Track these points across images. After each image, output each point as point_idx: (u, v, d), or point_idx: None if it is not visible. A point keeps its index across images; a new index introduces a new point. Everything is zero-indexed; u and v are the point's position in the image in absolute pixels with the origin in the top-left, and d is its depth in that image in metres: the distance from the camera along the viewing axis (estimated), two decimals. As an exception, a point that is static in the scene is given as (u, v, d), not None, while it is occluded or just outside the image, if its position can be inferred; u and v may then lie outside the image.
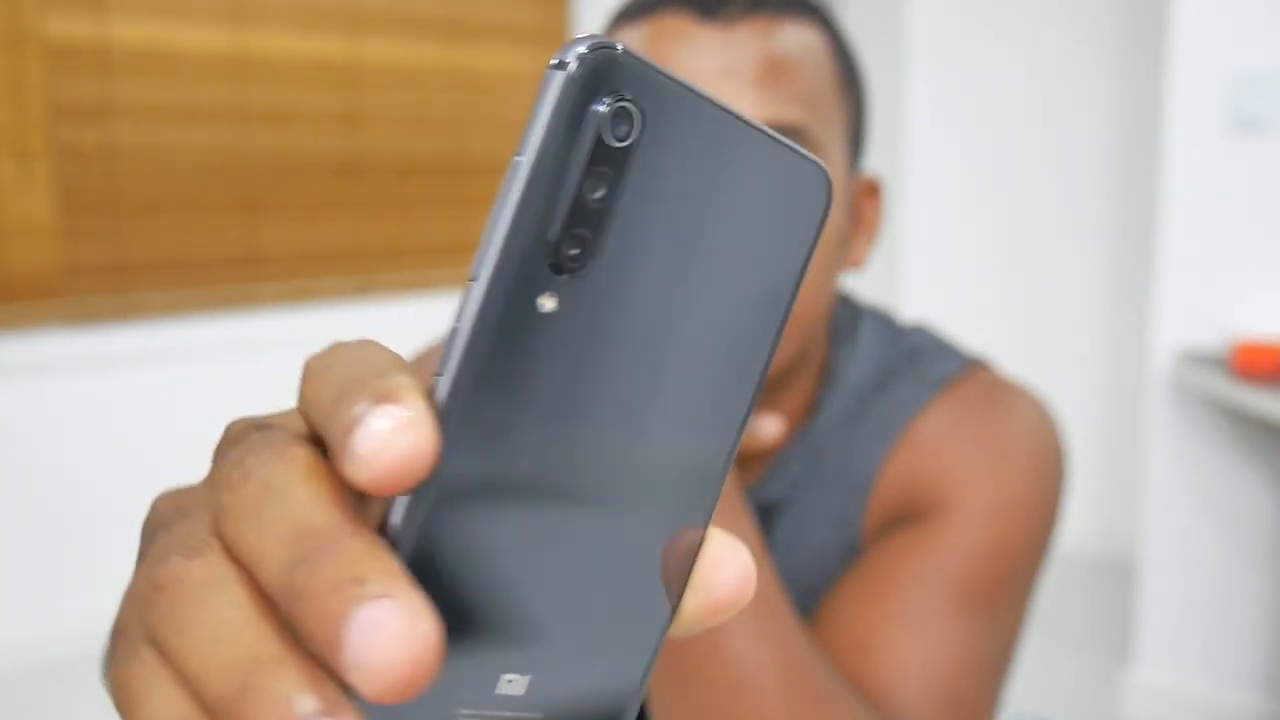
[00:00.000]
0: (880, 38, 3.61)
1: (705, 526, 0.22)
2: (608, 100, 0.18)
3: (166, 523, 0.22)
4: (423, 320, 3.35)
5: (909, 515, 0.68)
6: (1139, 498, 3.34)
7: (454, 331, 0.19)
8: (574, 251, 0.19)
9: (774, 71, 0.62)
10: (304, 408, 0.21)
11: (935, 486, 0.67)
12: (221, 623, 0.19)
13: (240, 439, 0.22)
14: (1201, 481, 2.30)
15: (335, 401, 0.19)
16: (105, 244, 2.79)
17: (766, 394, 0.69)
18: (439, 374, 0.19)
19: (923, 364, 0.73)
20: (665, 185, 0.19)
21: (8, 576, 2.72)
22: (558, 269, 0.19)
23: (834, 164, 0.65)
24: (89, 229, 2.76)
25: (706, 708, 0.56)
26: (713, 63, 0.61)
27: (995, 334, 3.50)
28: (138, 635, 0.20)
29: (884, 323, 0.76)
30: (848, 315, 0.75)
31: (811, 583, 0.70)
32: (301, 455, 0.20)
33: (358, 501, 0.21)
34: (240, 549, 0.19)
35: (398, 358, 0.20)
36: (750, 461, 0.72)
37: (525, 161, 0.18)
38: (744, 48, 0.62)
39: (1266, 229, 2.20)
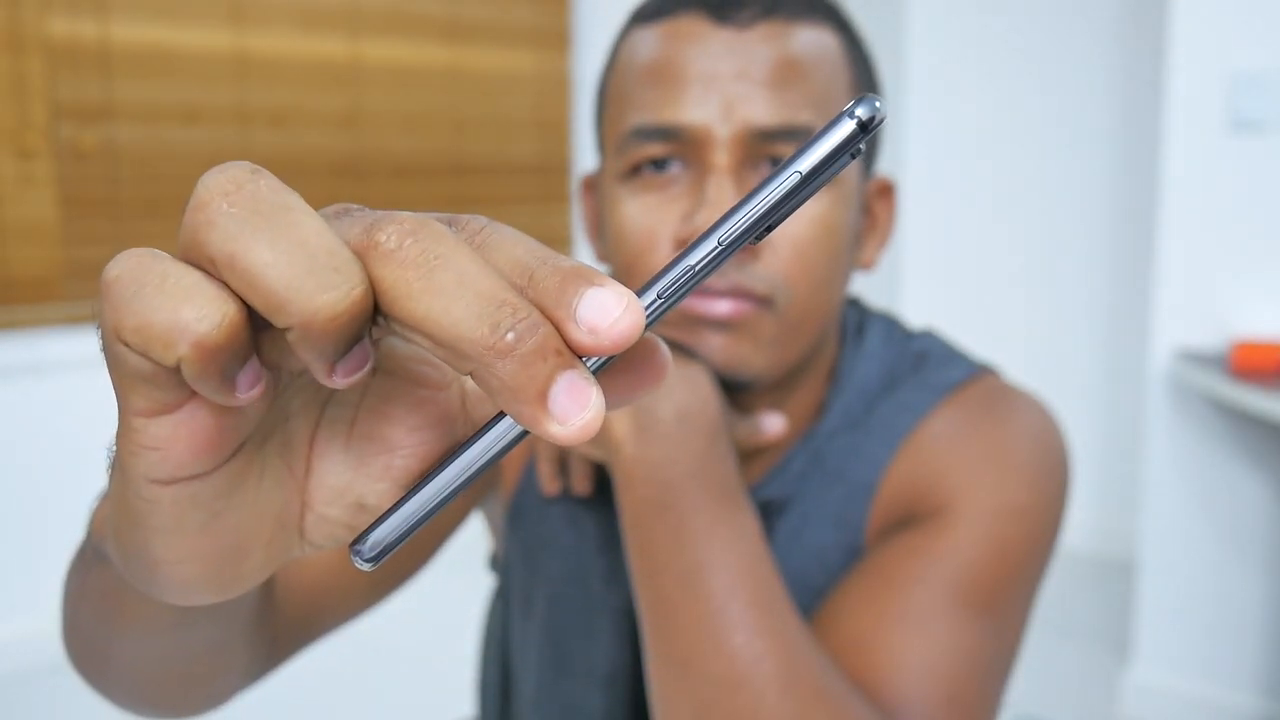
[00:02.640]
0: (880, 38, 3.62)
1: None
2: (855, 154, 0.25)
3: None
4: (423, 320, 3.35)
5: (912, 518, 0.68)
6: (1137, 497, 3.34)
7: (676, 267, 0.25)
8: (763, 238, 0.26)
9: (787, 75, 0.62)
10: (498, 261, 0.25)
11: (938, 490, 0.68)
12: (471, 277, 0.23)
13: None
14: (1200, 481, 2.31)
15: (542, 265, 0.23)
16: (105, 244, 2.79)
17: (774, 394, 0.70)
18: (641, 290, 0.25)
19: (929, 369, 0.73)
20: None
21: (8, 576, 2.72)
22: (757, 239, 0.26)
23: (847, 167, 0.65)
24: (89, 229, 2.76)
25: (706, 702, 0.56)
26: (727, 65, 0.62)
27: (995, 334, 3.51)
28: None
29: (891, 326, 0.76)
30: (856, 318, 0.76)
31: (813, 582, 0.70)
32: (464, 245, 0.24)
33: None
34: (406, 310, 0.23)
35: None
36: (754, 460, 0.72)
37: (802, 173, 0.25)
38: (758, 51, 0.62)
39: (1266, 229, 2.20)
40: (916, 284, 3.59)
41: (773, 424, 0.67)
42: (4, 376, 2.66)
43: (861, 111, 0.24)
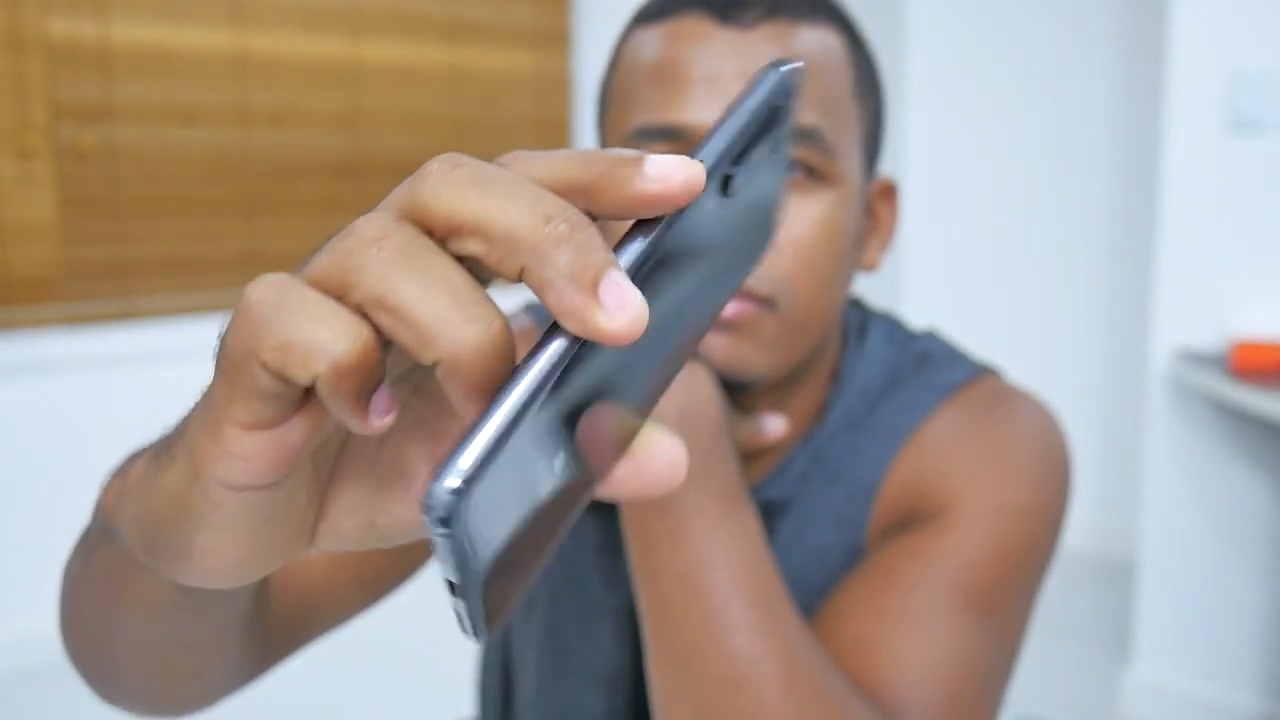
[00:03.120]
0: (880, 38, 3.62)
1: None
2: (782, 116, 0.28)
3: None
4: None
5: (913, 518, 0.68)
6: (1137, 497, 3.34)
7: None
8: (735, 181, 0.27)
9: None
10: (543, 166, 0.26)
11: (939, 490, 0.68)
12: (531, 189, 0.25)
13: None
14: (1200, 481, 2.31)
15: (590, 158, 0.26)
16: (105, 244, 2.79)
17: (775, 394, 0.70)
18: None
19: (930, 369, 0.73)
20: (769, 170, 0.29)
21: (8, 576, 2.72)
22: (724, 189, 0.27)
23: (849, 167, 0.65)
24: (89, 229, 2.76)
25: (707, 702, 0.56)
26: (729, 66, 0.62)
27: (994, 333, 3.51)
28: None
29: (893, 327, 0.76)
30: (858, 319, 0.76)
31: (813, 582, 0.70)
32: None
33: None
34: (471, 210, 0.25)
35: None
36: (755, 460, 0.72)
37: (743, 110, 0.27)
38: (761, 51, 0.62)
39: (1265, 229, 2.20)
40: (916, 284, 3.59)
41: (774, 425, 0.67)
42: (4, 376, 2.66)
43: (781, 64, 0.27)
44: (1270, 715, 2.30)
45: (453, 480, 0.22)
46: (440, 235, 0.25)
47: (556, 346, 0.24)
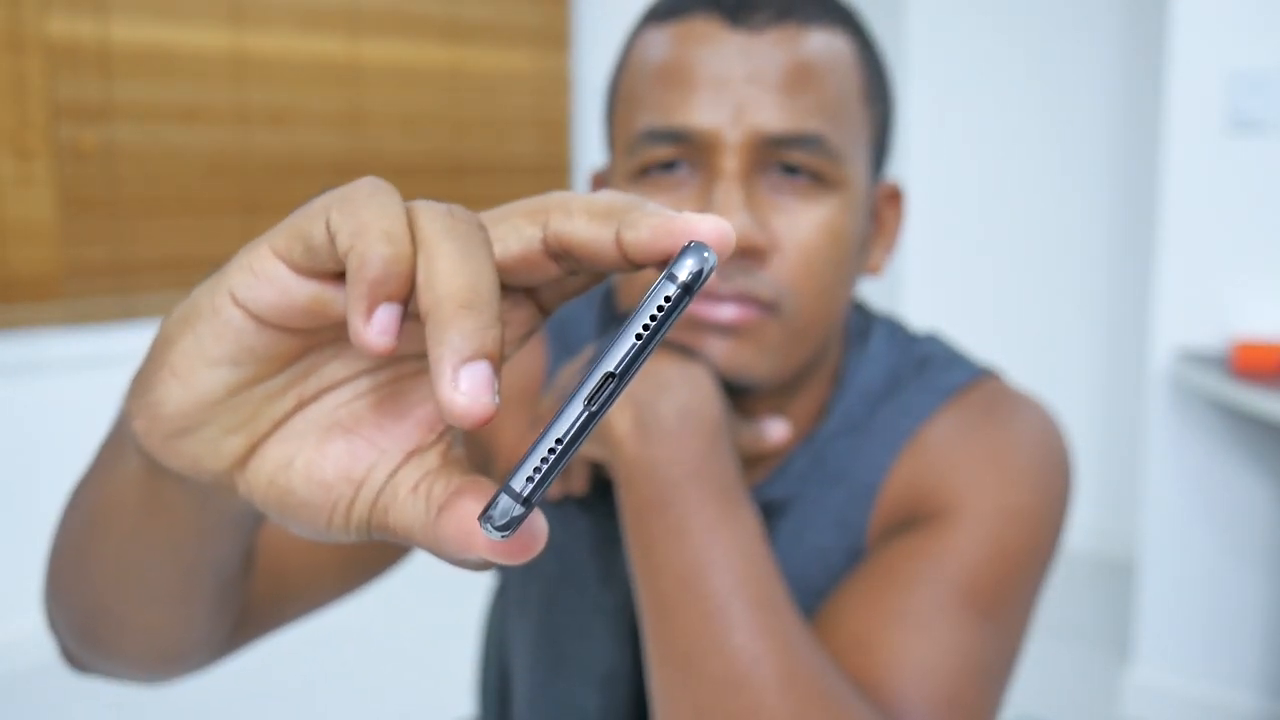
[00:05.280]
0: (880, 39, 3.62)
1: None
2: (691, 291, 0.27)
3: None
4: (422, 320, 3.35)
5: (914, 520, 0.68)
6: (1138, 497, 3.34)
7: (600, 361, 0.27)
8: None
9: (798, 80, 0.62)
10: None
11: (940, 492, 0.68)
12: (485, 266, 0.28)
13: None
14: (1201, 481, 2.31)
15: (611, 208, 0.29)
16: (105, 244, 2.79)
17: (777, 396, 0.70)
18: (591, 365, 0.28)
19: (932, 372, 0.73)
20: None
21: (7, 576, 2.72)
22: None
23: (856, 172, 0.65)
24: (89, 229, 2.76)
25: (707, 702, 0.56)
26: (739, 69, 0.61)
27: (995, 333, 3.51)
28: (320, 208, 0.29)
29: (895, 329, 0.76)
30: (860, 321, 0.76)
31: (813, 583, 0.70)
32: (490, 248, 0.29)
33: None
34: (434, 249, 0.28)
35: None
36: (756, 461, 0.72)
37: (632, 335, 0.27)
38: (769, 55, 0.62)
39: (1265, 229, 2.20)
40: (917, 284, 3.59)
41: (775, 431, 0.67)
42: (4, 376, 2.66)
43: (683, 270, 0.27)
44: (1270, 715, 2.30)
45: (514, 506, 0.27)
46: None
47: (598, 378, 0.27)
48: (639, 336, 0.26)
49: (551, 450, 0.26)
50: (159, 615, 0.48)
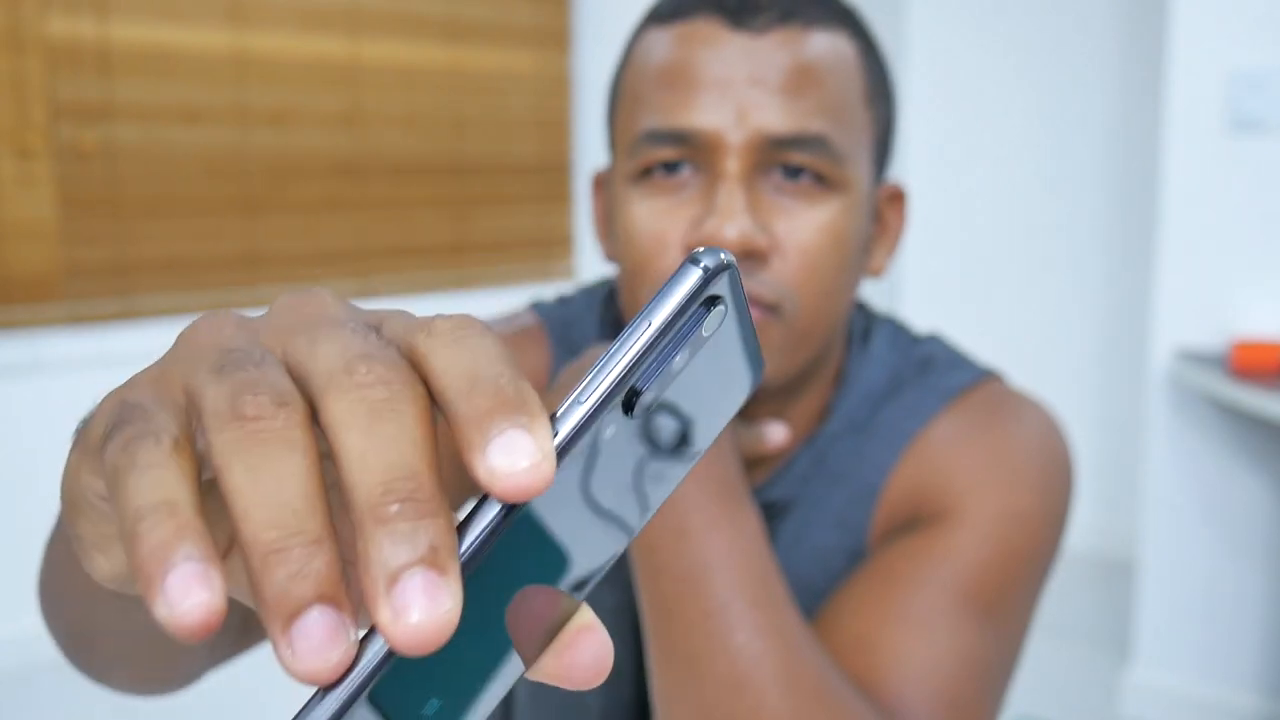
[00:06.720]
0: (880, 37, 3.62)
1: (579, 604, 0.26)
2: (713, 302, 0.24)
3: (246, 352, 0.24)
4: (422, 320, 3.35)
5: (915, 521, 0.68)
6: (1137, 497, 3.34)
7: (562, 418, 0.23)
8: (640, 401, 0.24)
9: (801, 82, 0.62)
10: (423, 359, 0.24)
11: (942, 494, 0.68)
12: (287, 481, 0.22)
13: (360, 329, 0.24)
14: (1200, 481, 2.31)
15: (471, 388, 0.22)
16: (105, 244, 2.79)
17: (779, 397, 0.70)
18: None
19: (934, 373, 0.73)
20: (701, 374, 0.25)
21: (7, 575, 2.72)
22: (628, 409, 0.24)
23: (858, 173, 0.65)
24: (89, 229, 2.76)
25: (708, 701, 0.56)
26: (741, 71, 0.61)
27: (995, 334, 3.51)
28: (164, 424, 0.23)
29: (897, 331, 0.76)
30: (862, 322, 0.76)
31: (814, 584, 0.70)
32: (422, 399, 0.23)
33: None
34: (336, 434, 0.22)
35: (512, 357, 0.24)
36: (758, 464, 0.72)
37: (653, 325, 0.24)
38: (772, 57, 0.62)
39: (1265, 229, 2.20)
40: (917, 285, 3.59)
41: (776, 434, 0.67)
42: (4, 376, 2.66)
43: (707, 259, 0.24)
44: (1270, 715, 2.30)
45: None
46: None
47: (483, 524, 0.23)
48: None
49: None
50: (144, 651, 0.48)
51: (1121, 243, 3.28)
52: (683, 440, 0.26)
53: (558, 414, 0.23)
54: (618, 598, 0.72)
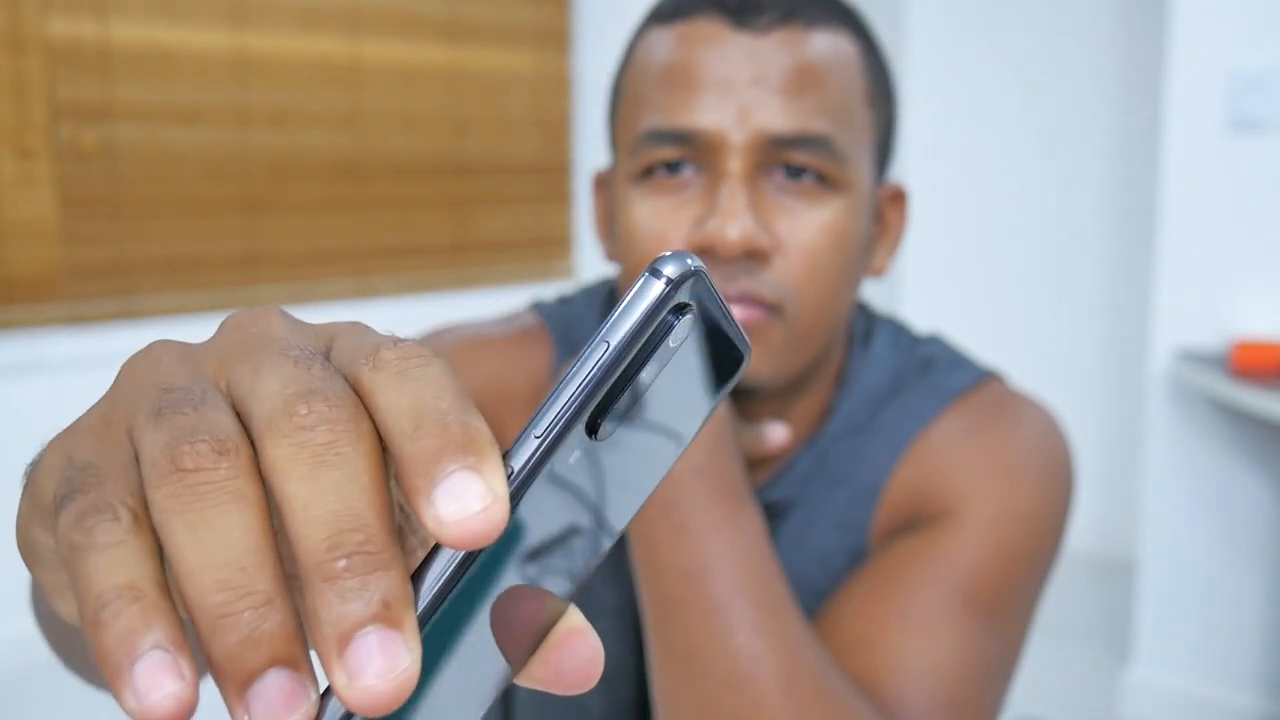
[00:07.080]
0: (880, 37, 3.62)
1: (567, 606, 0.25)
2: (679, 312, 0.23)
3: (186, 391, 0.23)
4: (422, 320, 3.35)
5: (916, 522, 0.68)
6: (1137, 497, 3.34)
7: (515, 452, 0.22)
8: (607, 423, 0.23)
9: (802, 82, 0.62)
10: (370, 394, 0.22)
11: (943, 495, 0.68)
12: (232, 537, 0.20)
13: (304, 358, 0.23)
14: (1200, 481, 2.31)
15: (416, 427, 0.21)
16: (105, 244, 2.79)
17: (780, 398, 0.70)
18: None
19: (935, 374, 0.73)
20: (674, 379, 0.24)
21: (8, 575, 2.72)
22: (592, 432, 0.22)
23: (860, 173, 0.65)
24: (89, 229, 2.76)
25: (708, 700, 0.56)
26: (743, 71, 0.61)
27: (995, 334, 3.51)
28: (119, 495, 0.21)
29: (898, 331, 0.76)
30: (863, 323, 0.76)
31: (815, 584, 0.70)
32: (369, 438, 0.21)
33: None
34: (277, 482, 0.21)
35: (465, 390, 0.22)
36: (759, 462, 0.72)
37: (611, 346, 0.22)
38: (774, 57, 0.62)
39: (1265, 229, 2.20)
40: (917, 285, 3.59)
41: (777, 434, 0.67)
42: (4, 376, 2.66)
43: (669, 269, 0.22)
44: (1270, 715, 2.30)
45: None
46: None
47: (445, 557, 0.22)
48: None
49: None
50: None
51: (1121, 242, 3.28)
52: (660, 444, 0.25)
53: (511, 450, 0.22)
54: (619, 599, 0.73)
